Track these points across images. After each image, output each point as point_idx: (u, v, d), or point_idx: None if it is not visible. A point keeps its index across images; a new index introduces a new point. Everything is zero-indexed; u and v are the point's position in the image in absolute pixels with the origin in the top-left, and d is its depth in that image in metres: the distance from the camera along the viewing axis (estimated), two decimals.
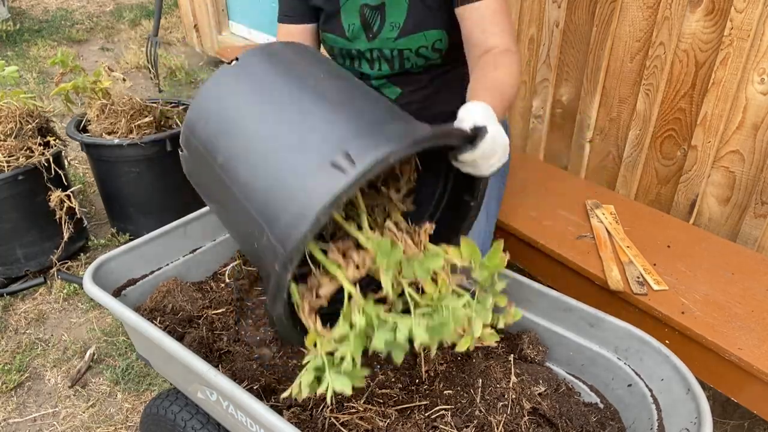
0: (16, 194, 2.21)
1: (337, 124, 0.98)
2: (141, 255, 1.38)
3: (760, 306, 1.39)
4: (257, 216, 0.99)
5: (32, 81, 4.17)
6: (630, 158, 2.05)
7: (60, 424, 1.83)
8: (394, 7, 1.46)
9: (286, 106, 1.04)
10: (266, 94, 1.08)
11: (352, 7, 1.48)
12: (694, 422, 0.96)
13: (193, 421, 1.28)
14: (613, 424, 1.11)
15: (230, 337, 1.33)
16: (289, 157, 0.98)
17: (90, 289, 1.20)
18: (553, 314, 1.22)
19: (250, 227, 1.02)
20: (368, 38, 1.50)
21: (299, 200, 0.91)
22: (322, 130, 0.98)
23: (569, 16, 2.09)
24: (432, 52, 1.50)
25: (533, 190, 1.91)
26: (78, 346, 2.10)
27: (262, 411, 0.93)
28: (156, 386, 1.94)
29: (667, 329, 1.39)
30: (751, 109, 1.68)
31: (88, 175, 3.11)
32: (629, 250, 1.57)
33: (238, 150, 1.04)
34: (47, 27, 5.17)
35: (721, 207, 1.85)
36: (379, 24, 1.48)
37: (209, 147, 1.09)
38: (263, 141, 1.02)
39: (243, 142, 1.04)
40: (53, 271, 2.36)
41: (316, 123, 0.99)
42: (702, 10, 1.69)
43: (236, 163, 1.04)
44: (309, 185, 0.91)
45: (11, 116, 2.22)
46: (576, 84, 2.16)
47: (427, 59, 1.51)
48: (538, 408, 1.08)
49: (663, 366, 1.07)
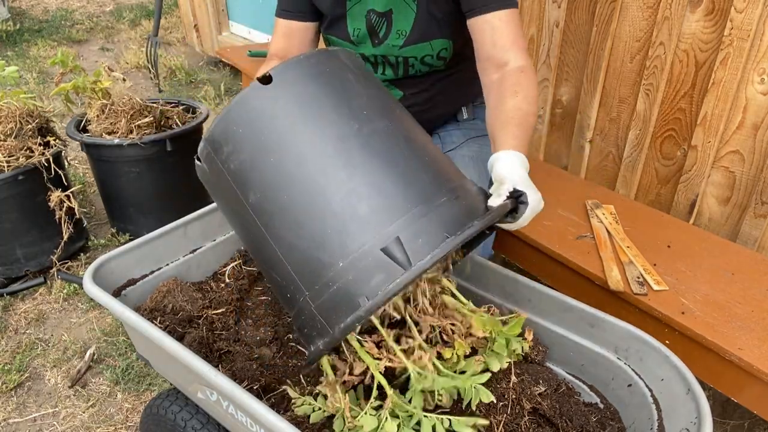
0: (16, 194, 2.21)
1: (388, 194, 0.93)
2: (141, 255, 1.37)
3: (760, 306, 1.39)
4: (293, 273, 0.96)
5: (32, 81, 4.17)
6: (630, 158, 2.05)
7: (60, 424, 1.83)
8: (401, 15, 1.44)
9: (332, 153, 0.95)
10: (309, 132, 0.97)
11: (358, 12, 1.47)
12: (694, 422, 0.96)
13: (193, 421, 1.28)
14: (613, 424, 1.11)
15: (230, 337, 1.33)
16: (335, 225, 0.92)
17: (90, 289, 1.20)
18: (553, 314, 1.22)
19: (282, 277, 0.99)
20: (374, 44, 1.49)
21: (346, 284, 0.89)
22: (371, 200, 0.92)
23: (569, 16, 2.09)
24: (437, 60, 1.50)
25: None
26: (78, 346, 2.10)
27: (262, 411, 0.93)
28: (156, 386, 1.94)
29: (667, 329, 1.39)
30: (751, 109, 1.68)
31: (88, 175, 3.12)
32: (629, 250, 1.57)
33: (274, 195, 0.96)
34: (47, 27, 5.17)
35: (721, 207, 1.85)
36: (385, 31, 1.47)
37: (238, 180, 1.01)
38: (306, 195, 0.94)
39: (282, 191, 0.96)
40: (53, 271, 2.36)
41: (364, 187, 0.93)
42: (702, 10, 1.69)
43: (272, 209, 0.97)
44: (358, 269, 0.89)
45: (11, 116, 2.22)
46: (576, 84, 2.16)
47: (431, 66, 1.51)
48: (538, 408, 1.08)
49: (663, 366, 1.07)
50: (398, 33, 1.45)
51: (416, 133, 1.06)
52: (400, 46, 1.46)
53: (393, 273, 0.87)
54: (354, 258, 0.89)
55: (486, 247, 1.56)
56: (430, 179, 0.97)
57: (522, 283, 1.24)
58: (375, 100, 1.04)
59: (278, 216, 0.96)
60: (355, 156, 0.95)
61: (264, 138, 0.98)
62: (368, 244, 0.89)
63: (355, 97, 1.02)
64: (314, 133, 0.96)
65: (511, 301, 1.28)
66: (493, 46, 1.33)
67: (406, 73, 1.53)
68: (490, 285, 1.31)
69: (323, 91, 1.00)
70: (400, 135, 1.01)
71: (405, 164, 0.97)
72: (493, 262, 1.31)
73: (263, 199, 0.97)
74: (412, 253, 0.87)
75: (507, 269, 1.27)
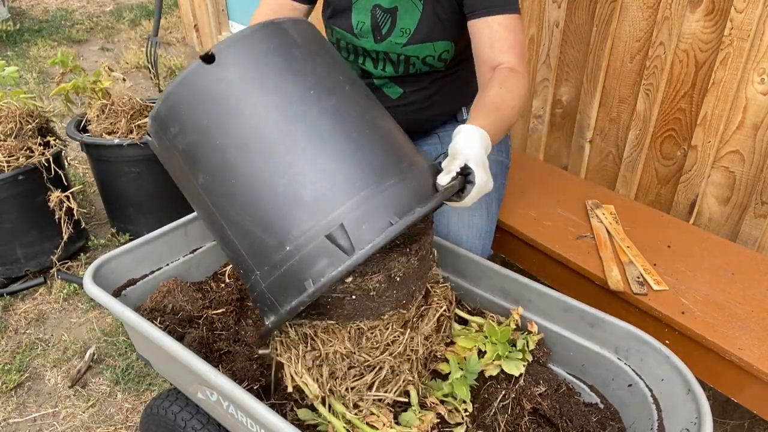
0: (16, 194, 2.21)
1: (333, 179, 0.93)
2: (141, 255, 1.38)
3: (760, 306, 1.39)
4: (245, 253, 0.98)
5: (32, 81, 4.16)
6: (630, 158, 2.05)
7: (60, 424, 1.83)
8: (407, 13, 1.44)
9: (277, 137, 0.95)
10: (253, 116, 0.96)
11: (363, 6, 1.47)
12: (694, 422, 0.96)
13: (193, 421, 1.28)
14: (614, 425, 1.11)
15: (230, 337, 1.33)
16: (281, 210, 0.93)
17: (90, 289, 1.20)
18: (553, 314, 1.22)
19: (235, 254, 1.01)
20: (376, 39, 1.49)
21: (292, 267, 0.92)
22: (316, 185, 0.93)
23: (569, 16, 2.09)
24: (437, 61, 1.50)
25: (533, 190, 1.91)
26: (78, 346, 2.10)
27: (262, 411, 0.93)
28: (156, 386, 1.94)
29: (667, 329, 1.39)
30: (751, 109, 1.68)
31: (88, 175, 3.11)
32: (629, 250, 1.57)
33: (221, 179, 0.97)
34: (47, 27, 5.17)
35: (721, 207, 1.85)
36: (389, 27, 1.47)
37: (186, 160, 1.01)
38: (251, 179, 0.95)
39: (228, 175, 0.96)
40: (53, 271, 2.36)
41: (309, 173, 0.93)
42: (702, 10, 1.69)
43: (220, 192, 0.98)
44: (304, 253, 0.91)
45: (11, 116, 2.22)
46: (576, 84, 2.16)
47: (431, 66, 1.51)
48: (538, 408, 1.08)
49: (663, 366, 1.07)
50: (402, 31, 1.45)
51: (367, 109, 1.04)
52: (403, 44, 1.47)
53: (337, 259, 0.89)
54: (300, 243, 0.92)
55: (486, 247, 1.56)
56: (378, 161, 0.97)
57: (522, 283, 1.24)
58: (323, 78, 1.02)
59: (227, 199, 0.97)
60: (300, 140, 0.95)
61: (208, 122, 0.97)
62: (313, 230, 0.91)
63: (301, 76, 1.00)
64: (258, 117, 0.96)
65: (511, 301, 1.28)
66: (491, 49, 1.33)
67: (407, 71, 1.53)
68: (490, 285, 1.31)
69: (267, 71, 0.98)
70: (349, 114, 1.00)
71: (352, 147, 0.97)
72: (493, 262, 1.31)
73: (212, 181, 0.99)
74: (356, 240, 0.89)
75: (507, 269, 1.27)
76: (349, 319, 1.03)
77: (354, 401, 1.05)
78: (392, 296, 1.02)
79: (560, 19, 2.12)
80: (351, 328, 1.04)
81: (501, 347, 1.14)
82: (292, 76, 0.99)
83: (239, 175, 0.96)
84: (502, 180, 1.71)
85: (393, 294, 1.02)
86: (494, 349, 1.14)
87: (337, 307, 1.01)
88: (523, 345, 1.17)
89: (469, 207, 1.55)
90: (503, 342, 1.15)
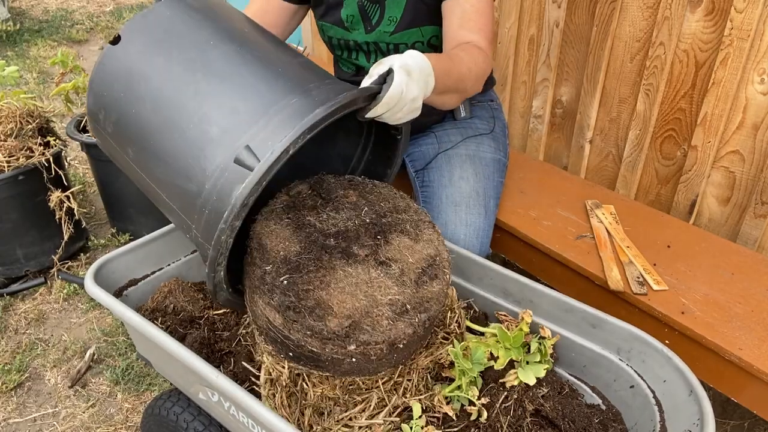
0: (16, 194, 2.21)
1: (237, 110, 0.96)
2: (142, 255, 1.37)
3: (760, 306, 1.40)
4: (180, 212, 1.01)
5: (32, 81, 4.16)
6: (630, 158, 2.05)
7: (60, 424, 1.83)
8: (393, 2, 1.47)
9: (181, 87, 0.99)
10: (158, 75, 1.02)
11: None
12: (696, 423, 0.96)
13: (195, 422, 1.28)
14: (616, 426, 1.11)
15: (232, 337, 1.33)
16: (194, 153, 0.96)
17: (91, 289, 1.20)
18: (554, 315, 1.22)
19: (176, 219, 1.04)
20: (366, 30, 1.51)
21: (214, 205, 0.93)
22: (221, 120, 0.95)
23: (569, 16, 2.09)
24: (427, 47, 1.51)
25: (533, 190, 1.91)
26: (78, 346, 2.10)
27: (263, 412, 0.93)
28: (156, 386, 1.94)
29: (667, 329, 1.39)
30: (751, 109, 1.68)
31: (88, 175, 3.11)
32: (629, 250, 1.57)
33: (144, 144, 1.02)
34: (47, 27, 5.16)
35: (721, 207, 1.85)
36: (378, 17, 1.50)
37: (117, 140, 1.06)
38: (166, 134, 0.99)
39: (148, 138, 1.01)
40: (53, 271, 2.36)
41: (214, 111, 0.96)
42: (702, 10, 1.69)
43: (147, 158, 1.02)
44: (219, 187, 0.93)
45: (11, 116, 2.22)
46: (576, 84, 2.16)
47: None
48: (540, 410, 1.08)
49: (665, 367, 1.07)
50: (390, 19, 1.48)
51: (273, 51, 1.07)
52: (391, 32, 1.49)
53: (244, 181, 0.90)
54: (215, 178, 0.93)
55: (484, 245, 1.56)
56: (281, 85, 0.98)
57: (522, 283, 1.24)
58: (223, 30, 1.07)
59: (153, 162, 1.01)
60: (202, 85, 0.98)
61: (123, 94, 1.03)
62: (224, 161, 0.92)
63: (198, 30, 1.05)
64: (162, 76, 1.01)
65: (511, 301, 1.28)
66: (460, 27, 1.36)
67: None
68: (490, 285, 1.31)
69: (168, 36, 1.05)
70: (252, 54, 1.03)
71: (254, 79, 0.99)
72: (493, 262, 1.31)
73: (138, 150, 1.03)
74: (262, 155, 0.89)
75: (507, 269, 1.27)
76: (344, 375, 1.02)
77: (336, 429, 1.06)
78: (392, 359, 1.01)
79: (560, 19, 2.12)
80: (344, 381, 1.05)
81: (515, 352, 1.14)
82: (191, 33, 1.05)
83: (156, 135, 1.00)
84: (500, 178, 1.72)
85: (393, 357, 1.00)
86: (507, 354, 1.13)
87: (336, 366, 0.99)
88: (536, 348, 1.16)
89: (467, 206, 1.55)
90: (516, 347, 1.14)
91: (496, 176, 1.68)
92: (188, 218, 0.98)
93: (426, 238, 1.12)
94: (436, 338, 1.18)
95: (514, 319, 1.23)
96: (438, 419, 1.09)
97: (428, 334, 1.09)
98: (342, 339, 0.93)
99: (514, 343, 1.14)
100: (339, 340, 0.93)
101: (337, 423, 1.05)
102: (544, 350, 1.16)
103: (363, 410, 1.06)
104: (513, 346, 1.14)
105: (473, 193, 1.58)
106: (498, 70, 2.42)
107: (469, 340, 1.18)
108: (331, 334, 0.93)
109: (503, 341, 1.14)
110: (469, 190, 1.58)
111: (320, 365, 0.99)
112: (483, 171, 1.64)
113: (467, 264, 1.33)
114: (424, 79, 1.07)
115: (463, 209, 1.55)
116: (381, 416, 1.05)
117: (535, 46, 2.26)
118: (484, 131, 1.74)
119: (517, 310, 1.25)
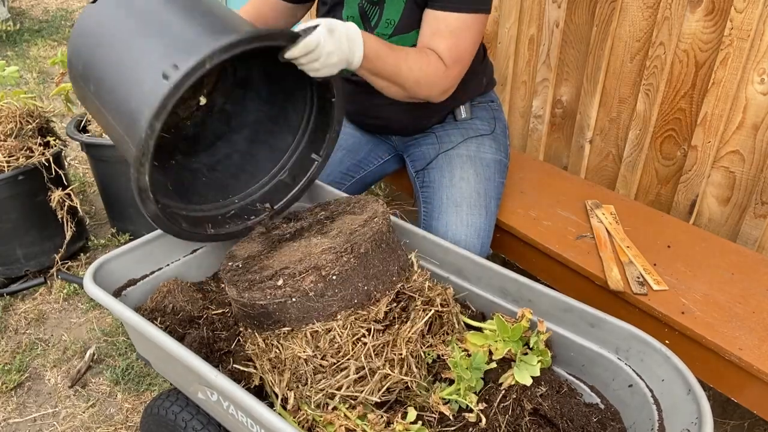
0: (16, 194, 2.21)
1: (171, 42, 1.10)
2: (141, 255, 1.38)
3: (760, 306, 1.39)
4: (125, 134, 1.13)
5: (32, 81, 4.16)
6: (630, 158, 2.05)
7: (60, 424, 1.83)
8: (392, 5, 1.49)
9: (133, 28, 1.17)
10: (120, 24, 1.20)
11: (353, 0, 1.53)
12: (694, 422, 0.96)
13: (194, 421, 1.28)
14: (614, 425, 1.11)
15: (231, 337, 1.33)
16: (136, 79, 1.10)
17: (91, 289, 1.20)
18: (553, 314, 1.22)
19: (122, 143, 1.17)
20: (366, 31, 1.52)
21: (143, 113, 1.04)
22: (158, 53, 1.10)
23: (569, 16, 2.09)
24: None
25: (533, 190, 1.91)
26: (78, 346, 2.10)
27: (262, 411, 0.93)
28: (156, 386, 1.94)
29: (667, 329, 1.39)
30: (751, 109, 1.68)
31: (88, 175, 3.11)
32: (629, 250, 1.57)
33: (101, 77, 1.17)
34: (47, 27, 5.16)
35: (721, 207, 1.85)
36: (377, 19, 1.52)
37: (85, 81, 1.22)
38: (116, 66, 1.15)
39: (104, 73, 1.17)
40: (53, 271, 2.36)
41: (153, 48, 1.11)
42: (702, 10, 1.70)
43: (102, 89, 1.17)
44: (147, 99, 1.04)
45: (11, 116, 2.22)
46: (576, 84, 2.16)
47: None
48: (539, 408, 1.08)
49: (664, 367, 1.07)
50: (387, 22, 1.50)
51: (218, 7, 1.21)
52: (389, 35, 1.50)
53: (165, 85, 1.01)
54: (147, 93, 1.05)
55: (485, 246, 1.56)
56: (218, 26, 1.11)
57: (521, 282, 1.24)
58: None
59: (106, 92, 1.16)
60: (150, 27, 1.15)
61: (92, 41, 1.21)
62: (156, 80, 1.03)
63: None
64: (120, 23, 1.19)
65: (509, 301, 1.28)
66: (431, 37, 1.40)
67: None
68: (490, 285, 1.31)
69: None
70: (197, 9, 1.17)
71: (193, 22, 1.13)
72: (493, 262, 1.31)
73: (97, 83, 1.19)
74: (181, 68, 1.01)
75: (507, 269, 1.27)
76: (300, 323, 1.08)
77: (321, 402, 1.07)
78: (336, 296, 1.06)
79: (560, 19, 2.12)
80: (306, 332, 1.08)
81: (513, 345, 1.14)
82: None
83: (109, 68, 1.16)
84: (501, 179, 1.72)
85: (337, 293, 1.06)
86: (506, 346, 1.14)
87: (284, 312, 1.08)
88: (535, 343, 1.16)
89: (468, 206, 1.55)
90: (515, 340, 1.14)
91: (496, 177, 1.69)
92: (129, 137, 1.10)
93: (370, 210, 1.22)
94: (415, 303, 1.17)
95: (512, 319, 1.23)
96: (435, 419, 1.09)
97: (375, 270, 1.11)
98: (271, 278, 1.07)
99: (513, 335, 1.13)
100: (269, 280, 1.06)
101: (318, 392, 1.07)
102: (537, 345, 1.16)
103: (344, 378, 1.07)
104: (511, 339, 1.14)
105: (474, 194, 1.58)
106: (498, 70, 2.42)
107: (467, 337, 1.18)
108: (263, 278, 1.07)
109: (502, 333, 1.14)
110: (470, 191, 1.59)
111: (274, 318, 1.09)
112: (484, 172, 1.64)
113: (465, 263, 1.33)
114: (347, 43, 1.19)
115: (464, 210, 1.55)
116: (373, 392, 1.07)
117: (535, 46, 2.26)
118: (485, 132, 1.74)
119: (515, 310, 1.25)
